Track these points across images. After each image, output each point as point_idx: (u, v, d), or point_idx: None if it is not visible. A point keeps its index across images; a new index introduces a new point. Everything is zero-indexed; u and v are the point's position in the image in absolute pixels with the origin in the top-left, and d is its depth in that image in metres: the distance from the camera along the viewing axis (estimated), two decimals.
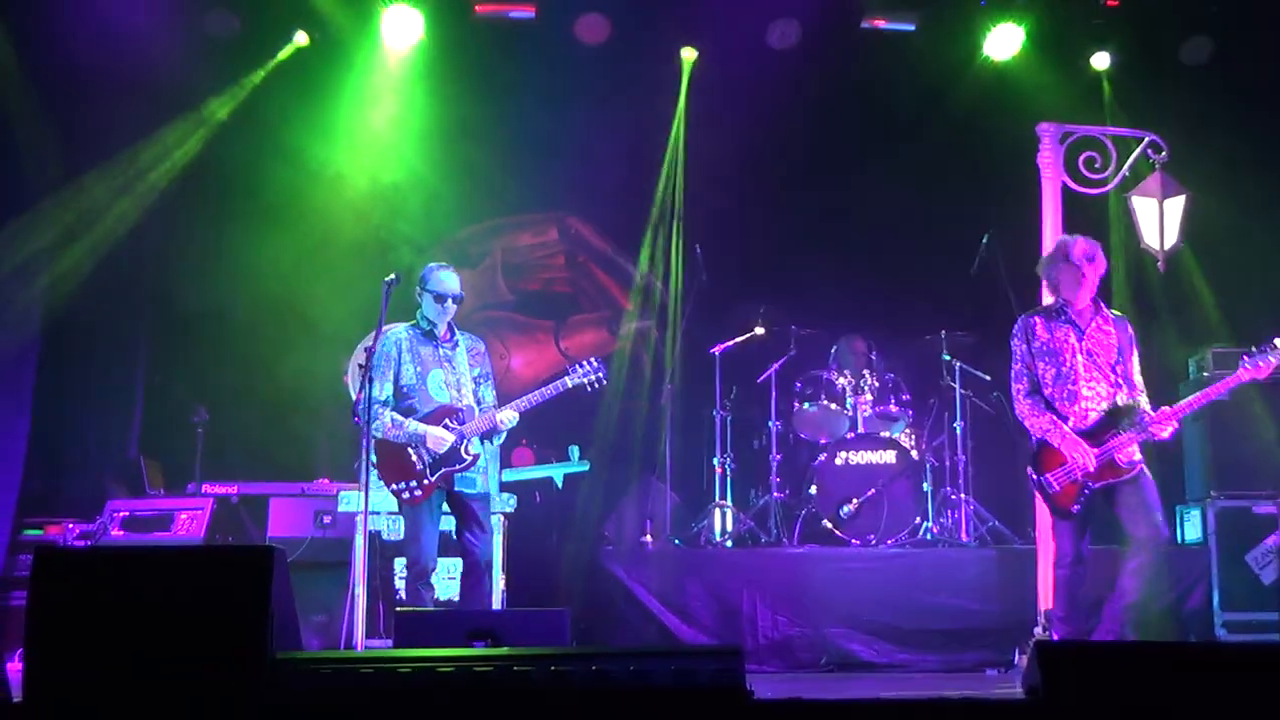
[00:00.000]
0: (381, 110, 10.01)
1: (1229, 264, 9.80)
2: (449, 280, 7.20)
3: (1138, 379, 6.80)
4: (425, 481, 6.96)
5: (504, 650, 4.74)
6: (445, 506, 7.17)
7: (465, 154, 10.13)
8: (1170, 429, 6.63)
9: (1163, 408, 6.63)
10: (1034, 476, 6.79)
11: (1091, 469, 6.57)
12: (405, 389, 7.10)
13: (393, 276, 7.19)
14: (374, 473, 6.92)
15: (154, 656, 4.30)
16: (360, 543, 7.45)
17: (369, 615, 7.65)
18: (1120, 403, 6.67)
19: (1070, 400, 6.72)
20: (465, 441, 6.99)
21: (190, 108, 9.66)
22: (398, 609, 6.54)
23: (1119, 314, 6.95)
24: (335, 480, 8.74)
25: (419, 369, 7.10)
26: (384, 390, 7.08)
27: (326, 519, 8.44)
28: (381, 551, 8.13)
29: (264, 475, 9.00)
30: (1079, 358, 6.75)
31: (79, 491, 9.06)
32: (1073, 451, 6.60)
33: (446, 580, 8.01)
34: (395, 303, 7.41)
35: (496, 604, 7.77)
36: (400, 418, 7.02)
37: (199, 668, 4.25)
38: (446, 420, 7.02)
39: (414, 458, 6.98)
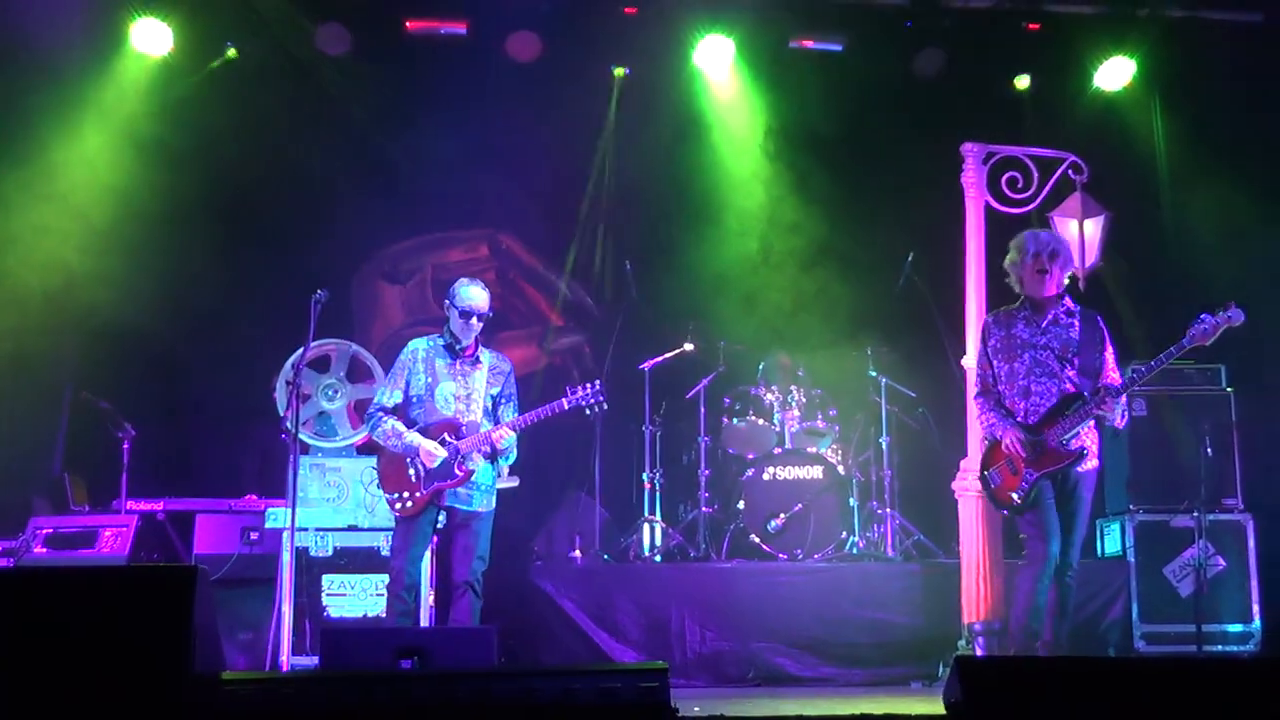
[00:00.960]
0: (311, 123, 9.96)
1: (1148, 282, 9.99)
2: (474, 296, 7.13)
3: (1111, 372, 6.86)
4: (417, 494, 6.96)
5: (430, 670, 4.75)
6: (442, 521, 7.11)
7: (397, 169, 10.13)
8: (1119, 408, 6.68)
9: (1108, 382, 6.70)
10: (980, 474, 6.91)
11: (1022, 453, 6.64)
12: (414, 398, 7.13)
13: (320, 293, 7.24)
14: (299, 490, 6.90)
15: (73, 677, 4.27)
16: (287, 559, 7.42)
17: (296, 632, 7.65)
18: (1069, 392, 6.75)
19: (1021, 396, 6.83)
20: (458, 457, 6.96)
21: (119, 124, 9.57)
22: (324, 627, 6.52)
23: (1086, 308, 7.04)
24: (264, 497, 8.68)
25: (430, 380, 7.12)
26: (391, 397, 7.14)
27: (254, 535, 8.38)
28: (309, 568, 8.09)
29: (191, 491, 8.92)
30: (1033, 353, 6.84)
31: (2, 508, 8.92)
32: (1004, 433, 6.70)
33: (375, 596, 8.00)
34: (324, 318, 7.43)
35: (424, 621, 7.76)
36: (401, 427, 7.04)
37: (118, 689, 4.23)
38: (445, 434, 6.99)
39: (410, 469, 6.98)
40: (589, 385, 7.14)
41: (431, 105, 9.99)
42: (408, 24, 9.96)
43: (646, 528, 9.59)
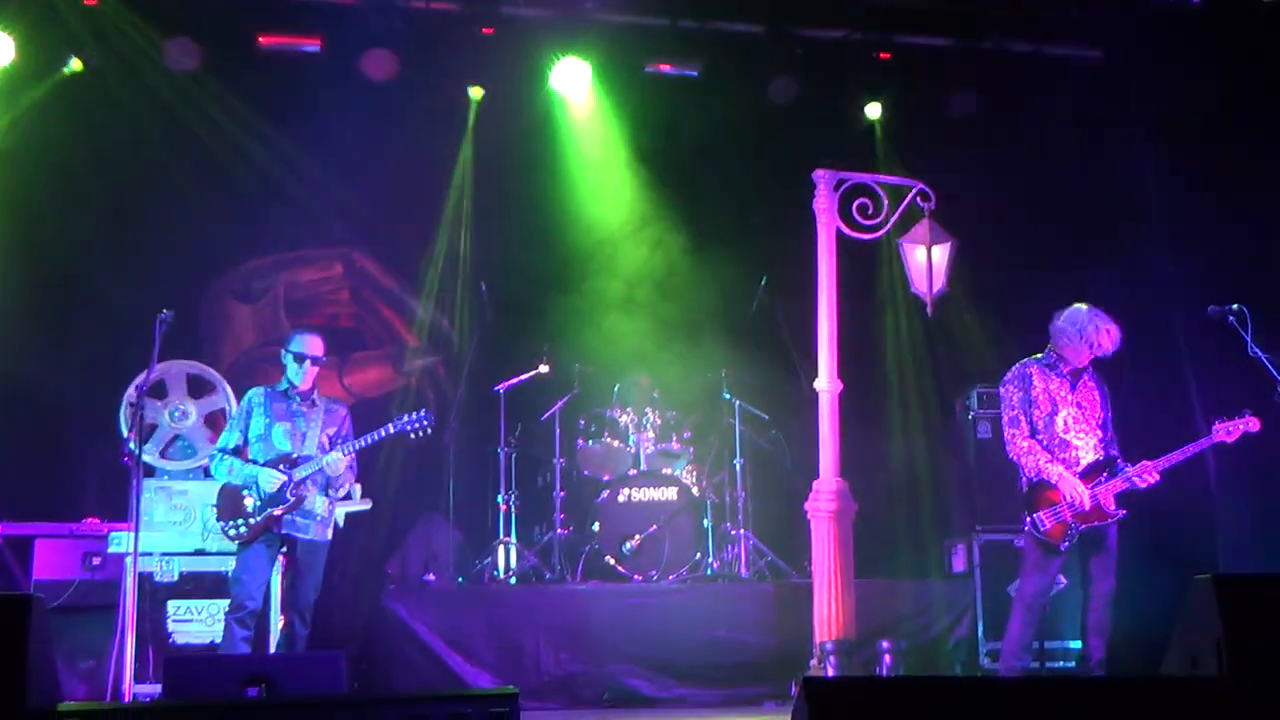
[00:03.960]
0: (160, 138, 9.75)
1: (995, 307, 10.24)
2: (309, 341, 7.55)
3: (1113, 434, 7.27)
4: (252, 521, 7.22)
5: (277, 699, 4.67)
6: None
7: (248, 187, 9.95)
8: (1152, 479, 7.03)
9: (1143, 460, 7.06)
10: (1027, 516, 7.10)
11: (1087, 507, 6.95)
12: (253, 439, 7.44)
13: (165, 313, 7.21)
14: (144, 513, 6.77)
15: None
16: (130, 585, 7.26)
17: (139, 660, 7.50)
18: (1105, 453, 7.15)
19: (1061, 448, 7.13)
20: (292, 484, 7.22)
21: None
22: (168, 654, 6.37)
23: (1098, 374, 7.38)
24: (106, 520, 8.44)
25: (268, 421, 7.45)
26: (231, 440, 7.49)
27: (95, 561, 8.18)
28: (152, 594, 7.91)
29: (29, 515, 8.63)
30: (1070, 409, 7.17)
31: None
32: (1070, 489, 6.97)
33: (223, 622, 7.83)
34: (171, 338, 7.31)
35: (274, 646, 7.64)
36: (240, 462, 7.37)
37: None
38: (281, 465, 7.29)
39: (247, 499, 7.28)
40: (415, 412, 7.47)
41: (285, 122, 9.84)
42: (260, 39, 9.81)
43: (501, 550, 9.55)
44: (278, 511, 7.20)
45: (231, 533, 7.25)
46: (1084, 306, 7.30)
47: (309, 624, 7.26)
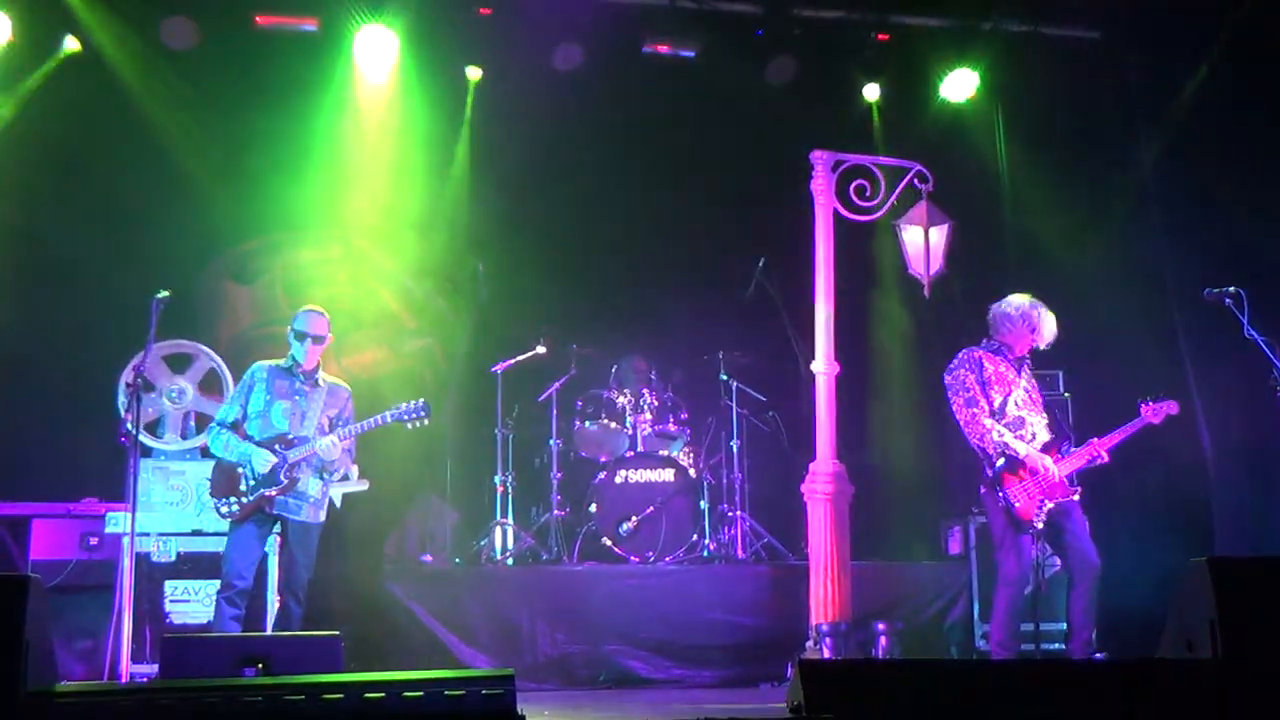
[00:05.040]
0: (157, 119, 9.72)
1: (991, 288, 10.22)
2: (312, 319, 7.57)
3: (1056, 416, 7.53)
4: (244, 500, 7.21)
5: (273, 679, 4.68)
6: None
7: (245, 166, 9.92)
8: (1104, 456, 7.26)
9: (1091, 439, 7.25)
10: (998, 493, 7.17)
11: (1056, 479, 7.08)
12: (252, 415, 7.42)
13: (163, 294, 7.19)
14: (142, 493, 6.77)
15: None
16: (127, 565, 7.27)
17: (137, 640, 7.51)
18: (1054, 432, 7.32)
19: (1017, 425, 7.25)
20: (286, 465, 7.22)
21: None
22: (165, 634, 6.38)
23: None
24: (104, 500, 8.44)
25: (268, 398, 7.43)
26: (230, 414, 7.48)
27: (93, 541, 8.19)
28: (150, 574, 7.93)
29: (27, 494, 8.63)
30: (1020, 391, 7.32)
31: None
32: (1039, 462, 7.11)
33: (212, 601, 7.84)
34: (168, 317, 7.30)
35: (270, 627, 7.65)
36: (237, 438, 7.36)
37: None
38: (277, 445, 7.27)
39: (240, 477, 7.26)
40: (413, 402, 7.47)
41: (281, 101, 9.80)
42: (258, 18, 9.79)
43: (498, 531, 9.57)
44: (271, 492, 7.21)
45: (224, 510, 7.24)
46: (1025, 295, 7.42)
47: (304, 603, 7.26)
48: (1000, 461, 7.16)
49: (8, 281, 9.28)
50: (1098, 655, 7.32)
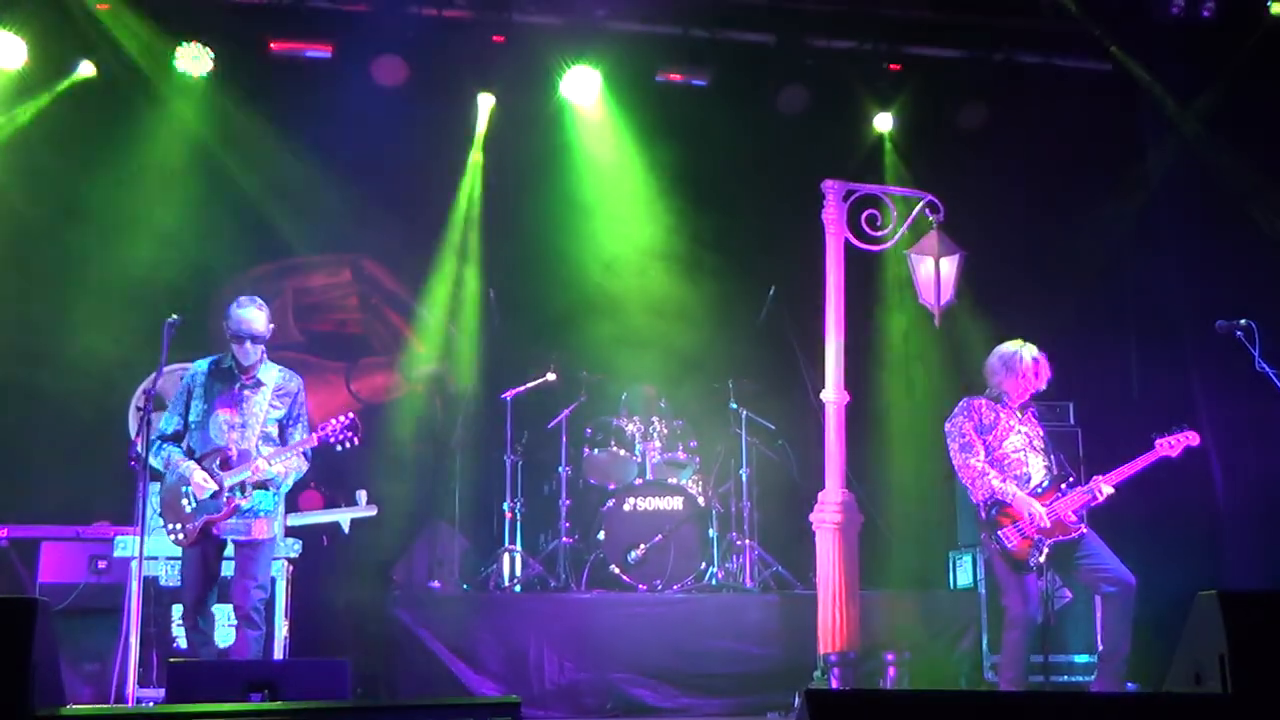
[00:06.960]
0: (171, 144, 9.77)
1: (1002, 319, 10.22)
2: (246, 317, 7.05)
3: (1062, 458, 7.42)
4: (189, 525, 6.87)
5: (279, 705, 4.67)
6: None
7: (257, 192, 9.96)
8: (1108, 491, 7.13)
9: (1096, 475, 7.18)
10: (991, 535, 7.14)
11: (1046, 524, 7.01)
12: (192, 425, 7.03)
13: (174, 318, 7.13)
14: (153, 515, 6.76)
15: None
16: (134, 589, 7.24)
17: (143, 664, 7.46)
18: (1056, 471, 7.25)
19: (1012, 467, 7.24)
20: (223, 491, 6.85)
21: None
22: (170, 659, 6.37)
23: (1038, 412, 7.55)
24: (116, 524, 8.45)
25: (205, 407, 7.02)
26: (170, 425, 7.07)
27: (101, 564, 8.17)
28: (157, 598, 7.91)
29: (36, 517, 8.65)
30: (1018, 436, 7.29)
31: None
32: (1026, 507, 7.05)
33: (227, 627, 7.83)
34: (179, 342, 7.28)
35: (279, 653, 7.62)
36: (178, 455, 6.98)
37: None
38: (217, 463, 6.89)
39: (184, 502, 6.89)
40: (339, 420, 6.90)
41: (295, 127, 9.85)
42: (272, 45, 9.85)
43: (507, 557, 9.56)
44: (214, 517, 6.84)
45: (174, 537, 6.92)
46: (1016, 342, 7.42)
47: (260, 625, 6.91)
48: (992, 507, 7.15)
49: (18, 305, 9.32)
50: (1130, 685, 7.28)
